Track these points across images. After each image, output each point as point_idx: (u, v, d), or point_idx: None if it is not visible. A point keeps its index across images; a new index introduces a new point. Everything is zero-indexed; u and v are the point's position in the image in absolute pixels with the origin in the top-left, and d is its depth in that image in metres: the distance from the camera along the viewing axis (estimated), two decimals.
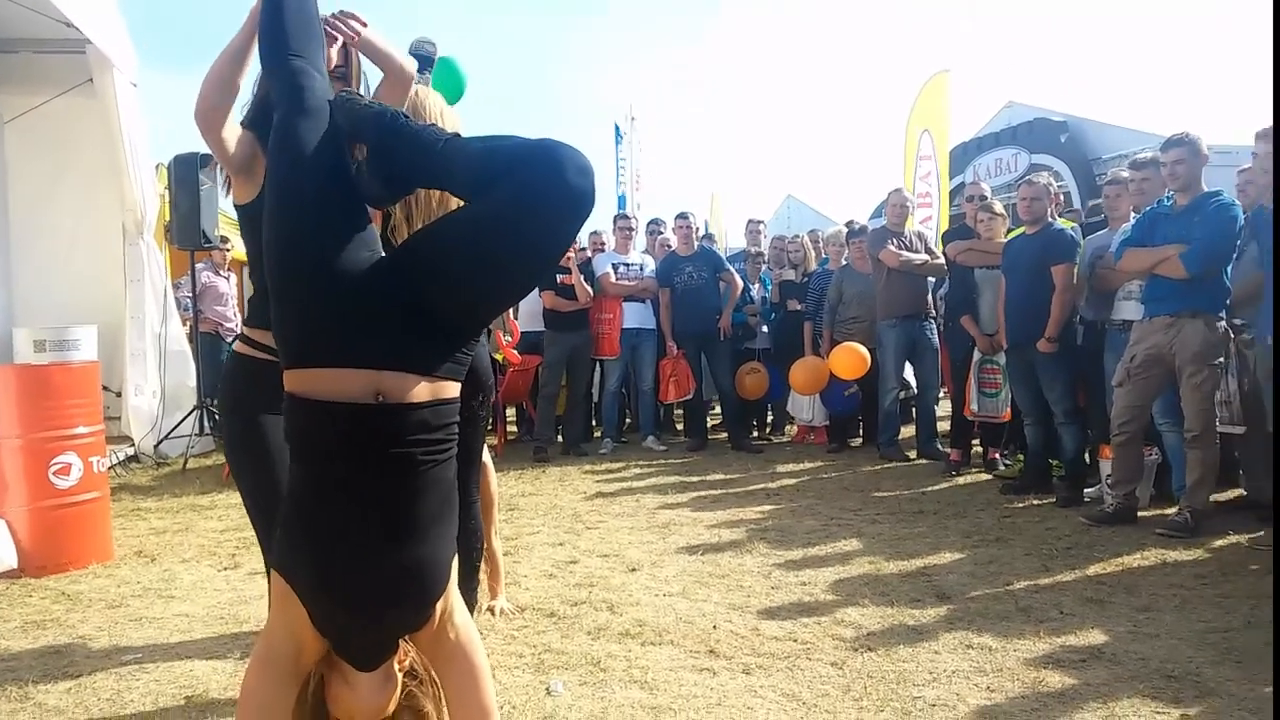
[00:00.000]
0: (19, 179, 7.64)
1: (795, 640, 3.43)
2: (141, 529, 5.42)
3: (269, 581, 2.02)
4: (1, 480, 4.43)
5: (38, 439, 4.52)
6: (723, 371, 8.34)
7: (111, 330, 7.31)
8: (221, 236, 8.53)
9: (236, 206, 2.78)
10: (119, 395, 7.51)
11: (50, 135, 7.57)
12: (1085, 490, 5.75)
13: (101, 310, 7.34)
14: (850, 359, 7.44)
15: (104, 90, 6.94)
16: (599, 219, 9.40)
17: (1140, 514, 5.16)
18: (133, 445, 7.52)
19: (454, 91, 4.19)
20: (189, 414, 7.76)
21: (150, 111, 7.48)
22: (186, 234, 7.65)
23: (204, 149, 7.45)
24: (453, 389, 1.81)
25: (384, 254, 1.86)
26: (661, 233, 9.35)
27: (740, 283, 8.54)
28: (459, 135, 1.89)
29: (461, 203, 1.86)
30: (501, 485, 6.64)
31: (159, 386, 7.73)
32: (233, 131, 2.58)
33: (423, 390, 1.74)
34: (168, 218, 8.21)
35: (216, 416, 7.31)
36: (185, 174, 7.57)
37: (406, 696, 1.90)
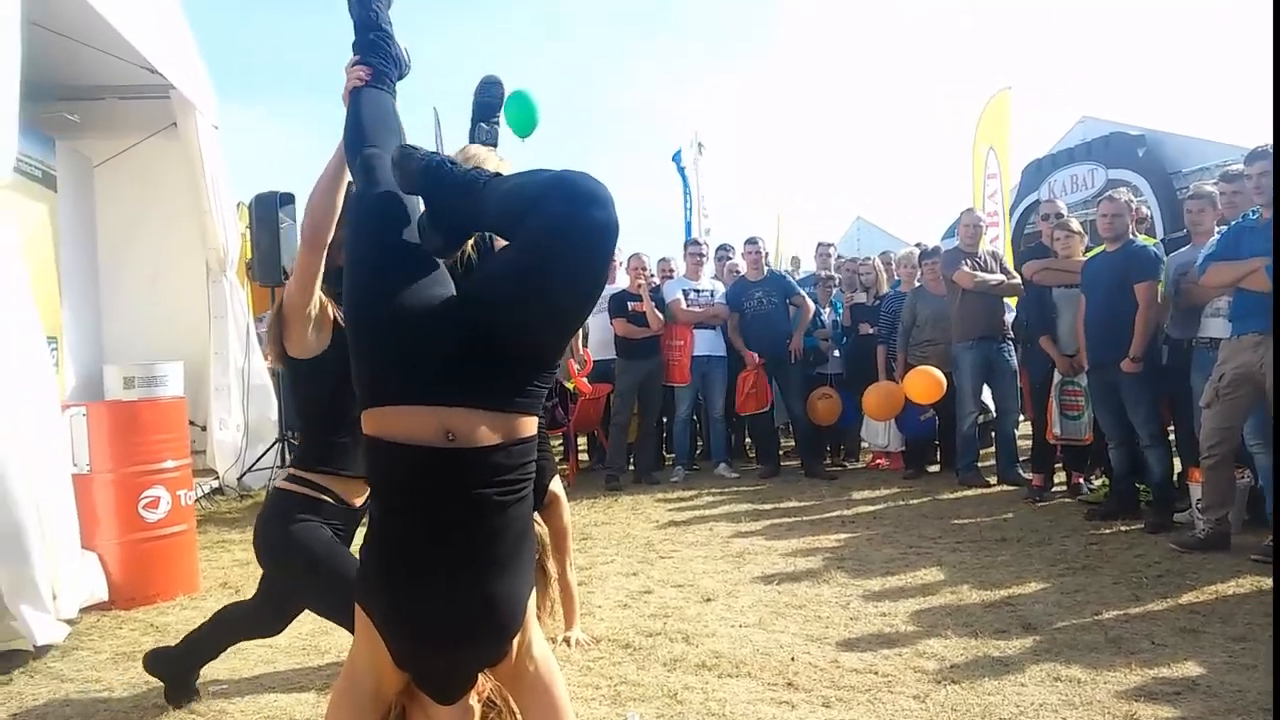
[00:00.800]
0: (107, 221, 7.94)
1: (876, 672, 3.36)
2: (226, 560, 5.54)
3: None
4: (93, 514, 4.57)
5: (128, 473, 4.66)
6: (795, 397, 8.27)
7: (196, 366, 7.52)
8: None
9: (289, 359, 2.94)
10: (204, 429, 7.72)
11: (136, 177, 7.86)
12: (1175, 515, 5.55)
13: (187, 346, 7.57)
14: (925, 383, 7.32)
15: (187, 133, 7.19)
16: (668, 246, 9.44)
17: (1233, 539, 4.96)
18: (217, 478, 7.72)
19: (527, 124, 4.23)
20: (271, 446, 7.95)
21: (226, 142, 7.77)
22: (267, 270, 7.86)
23: (282, 188, 7.72)
24: (527, 426, 1.81)
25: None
26: (730, 258, 9.32)
27: (812, 306, 8.47)
28: (498, 175, 1.92)
29: None
30: (574, 515, 6.64)
31: (242, 420, 7.93)
32: (316, 280, 2.79)
33: (494, 428, 1.74)
34: (249, 255, 8.46)
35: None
36: (265, 212, 7.80)
37: None
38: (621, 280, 8.40)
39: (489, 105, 2.98)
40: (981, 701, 3.06)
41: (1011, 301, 7.51)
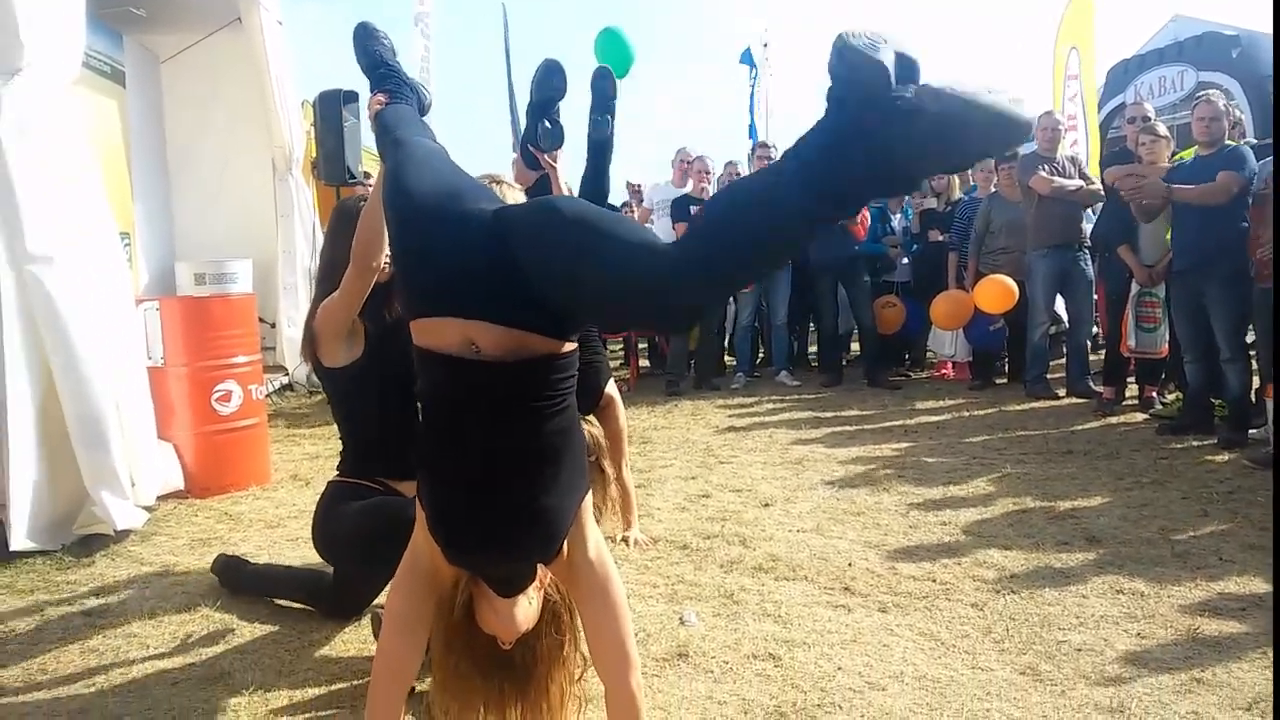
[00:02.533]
0: (175, 117, 7.99)
1: (934, 580, 3.36)
2: (296, 454, 5.70)
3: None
4: (169, 407, 4.71)
5: (201, 367, 4.79)
6: (862, 304, 8.12)
7: (265, 263, 7.61)
8: (365, 172, 8.76)
9: (324, 369, 2.97)
10: (273, 326, 7.86)
11: (203, 73, 7.87)
12: (1249, 431, 5.39)
13: (255, 244, 7.63)
14: (997, 291, 7.14)
15: (251, 29, 7.15)
16: (733, 149, 9.23)
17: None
18: (287, 375, 7.89)
19: (624, 63, 4.16)
20: None
21: (293, 39, 7.75)
22: (332, 169, 7.86)
23: (346, 85, 7.68)
24: (557, 345, 1.78)
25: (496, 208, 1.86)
26: None
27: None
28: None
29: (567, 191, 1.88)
30: (633, 419, 6.71)
31: None
32: (361, 300, 2.81)
33: (516, 343, 1.73)
34: (314, 153, 8.47)
35: None
36: (328, 111, 7.74)
37: (550, 613, 1.97)
38: (686, 184, 8.27)
39: (603, 97, 2.79)
40: (1041, 611, 3.04)
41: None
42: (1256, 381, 5.58)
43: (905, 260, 8.63)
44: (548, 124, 2.81)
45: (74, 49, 4.10)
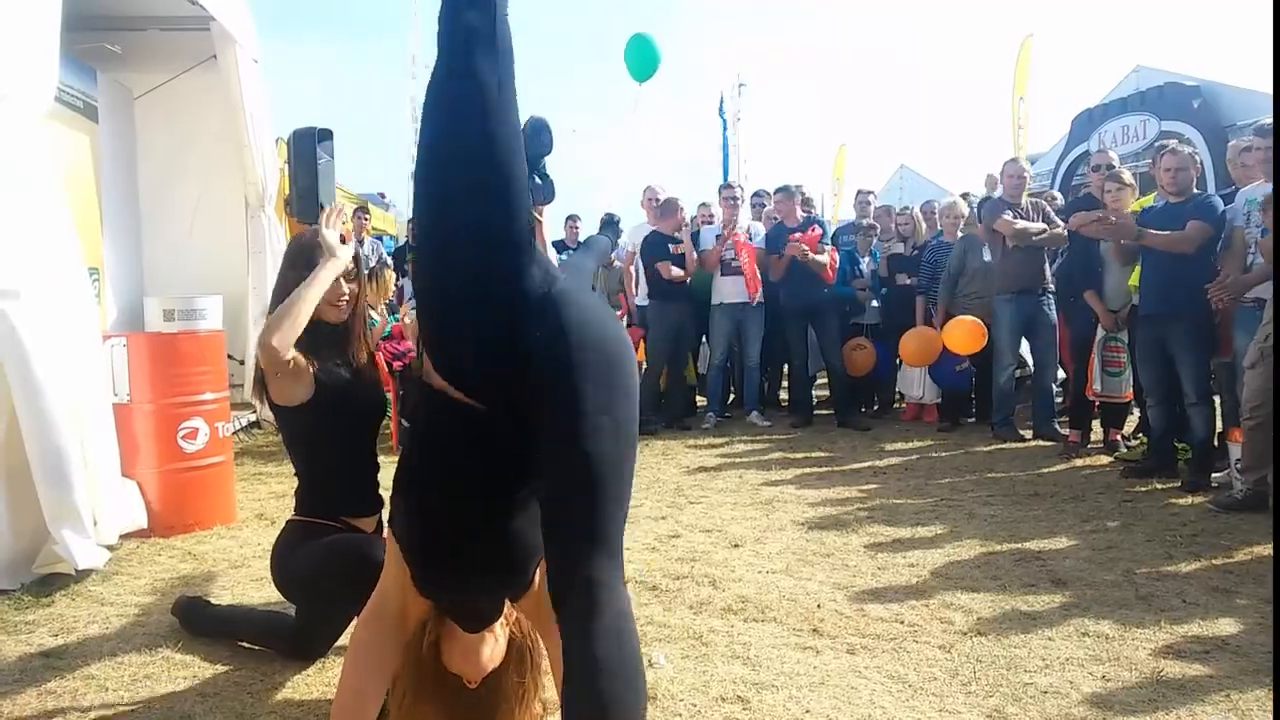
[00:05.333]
0: (148, 153, 7.95)
1: (902, 622, 3.37)
2: (262, 492, 5.64)
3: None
4: (133, 443, 4.65)
5: (167, 404, 4.73)
6: (831, 346, 8.17)
7: (235, 300, 7.56)
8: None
9: (276, 407, 2.98)
10: (242, 363, 7.79)
11: (177, 110, 7.85)
12: (1213, 475, 5.46)
13: (226, 281, 7.59)
14: (966, 332, 7.22)
15: (227, 66, 7.15)
16: (707, 193, 9.30)
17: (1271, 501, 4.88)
18: (254, 412, 7.81)
19: (649, 67, 4.25)
20: None
21: (268, 78, 7.87)
22: (305, 207, 7.87)
23: (320, 124, 7.69)
24: None
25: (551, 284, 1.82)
26: (765, 204, 9.21)
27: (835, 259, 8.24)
28: None
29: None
30: None
31: None
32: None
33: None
34: (287, 191, 8.47)
35: None
36: (303, 148, 7.78)
37: (515, 652, 1.96)
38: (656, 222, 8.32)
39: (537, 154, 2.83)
40: (1008, 654, 3.06)
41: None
42: (1219, 425, 5.67)
43: (875, 303, 8.72)
44: (538, 179, 2.85)
45: (47, 84, 4.09)
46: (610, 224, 4.43)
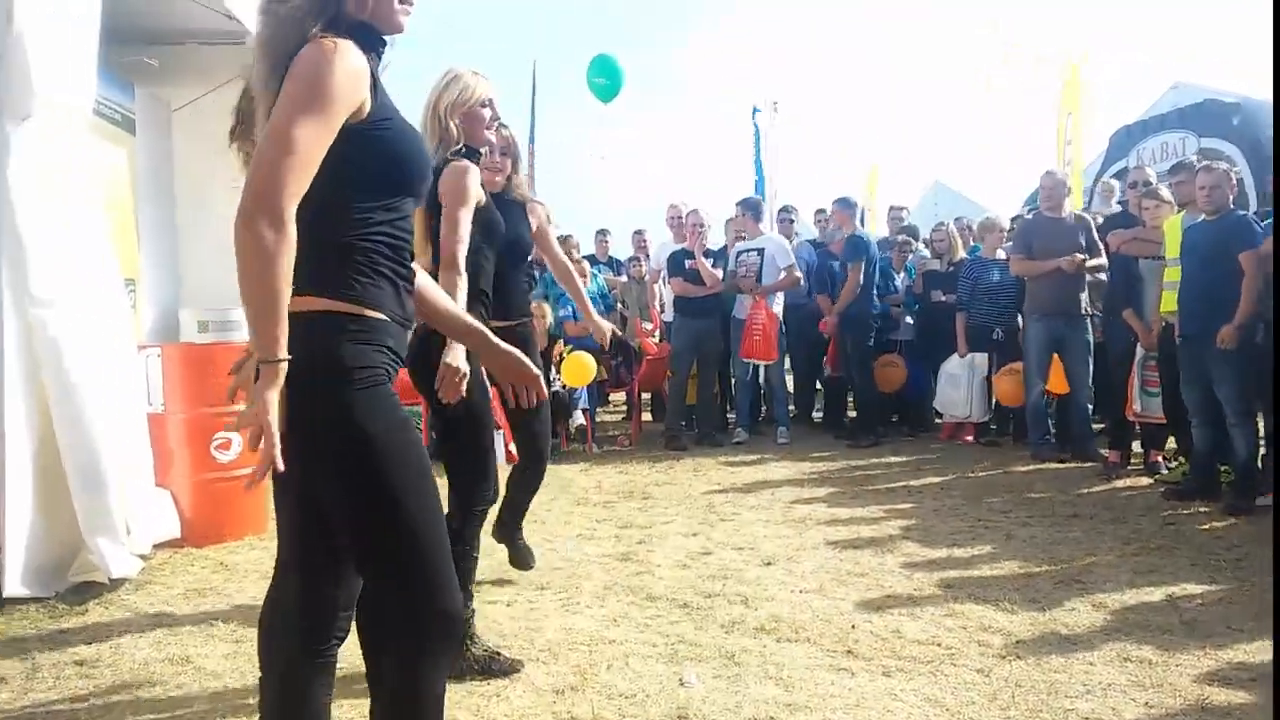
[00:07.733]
0: (184, 166, 8.03)
1: (939, 644, 3.30)
2: None
3: None
4: (167, 453, 4.67)
5: (201, 414, 4.75)
6: (858, 361, 8.04)
7: None
8: None
9: None
10: None
11: (213, 123, 7.86)
12: (1257, 499, 5.33)
13: None
14: (1061, 375, 7.10)
15: None
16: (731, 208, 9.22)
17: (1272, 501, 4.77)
18: None
19: (610, 90, 4.28)
20: None
21: None
22: None
23: None
24: None
25: None
26: (793, 220, 9.17)
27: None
28: None
29: None
30: (635, 473, 6.69)
31: None
32: None
33: None
34: None
35: None
36: None
37: None
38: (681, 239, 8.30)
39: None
40: (1047, 678, 2.98)
41: None
42: (1263, 446, 5.55)
43: (909, 319, 8.62)
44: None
45: (85, 97, 4.15)
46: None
